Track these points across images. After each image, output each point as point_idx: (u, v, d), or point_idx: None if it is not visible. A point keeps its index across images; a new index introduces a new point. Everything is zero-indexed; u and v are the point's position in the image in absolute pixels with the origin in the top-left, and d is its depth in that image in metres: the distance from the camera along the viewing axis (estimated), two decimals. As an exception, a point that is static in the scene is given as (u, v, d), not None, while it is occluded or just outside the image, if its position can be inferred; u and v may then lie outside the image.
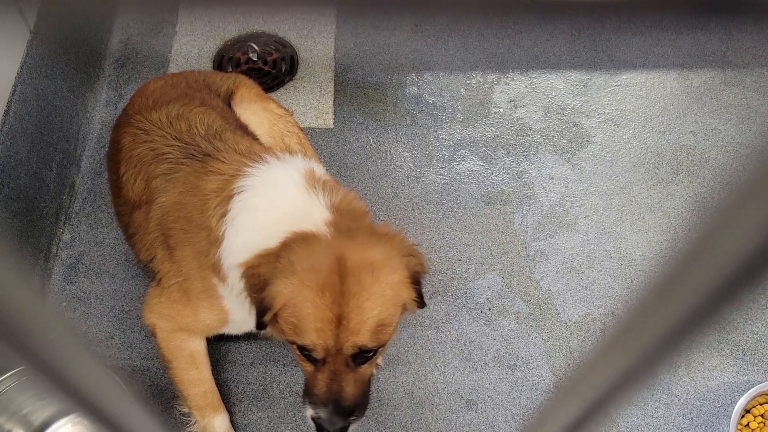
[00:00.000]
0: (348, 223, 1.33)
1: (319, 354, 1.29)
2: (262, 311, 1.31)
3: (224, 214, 1.40)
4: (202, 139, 1.54)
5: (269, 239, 1.32)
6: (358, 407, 1.36)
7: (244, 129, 1.74)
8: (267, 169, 1.43)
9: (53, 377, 0.40)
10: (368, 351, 1.30)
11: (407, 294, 1.33)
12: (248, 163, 1.44)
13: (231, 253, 1.39)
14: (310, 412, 1.37)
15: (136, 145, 1.61)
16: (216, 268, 1.43)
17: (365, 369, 1.36)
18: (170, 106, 1.65)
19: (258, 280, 1.30)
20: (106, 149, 1.91)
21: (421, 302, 1.36)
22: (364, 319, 1.25)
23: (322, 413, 1.35)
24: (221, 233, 1.40)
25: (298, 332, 1.27)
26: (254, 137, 1.76)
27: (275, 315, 1.31)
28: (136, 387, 0.50)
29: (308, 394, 1.37)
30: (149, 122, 1.62)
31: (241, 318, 1.53)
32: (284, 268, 1.26)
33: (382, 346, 1.33)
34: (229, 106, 1.85)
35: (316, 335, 1.25)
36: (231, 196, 1.40)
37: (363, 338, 1.26)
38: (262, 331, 1.43)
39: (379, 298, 1.25)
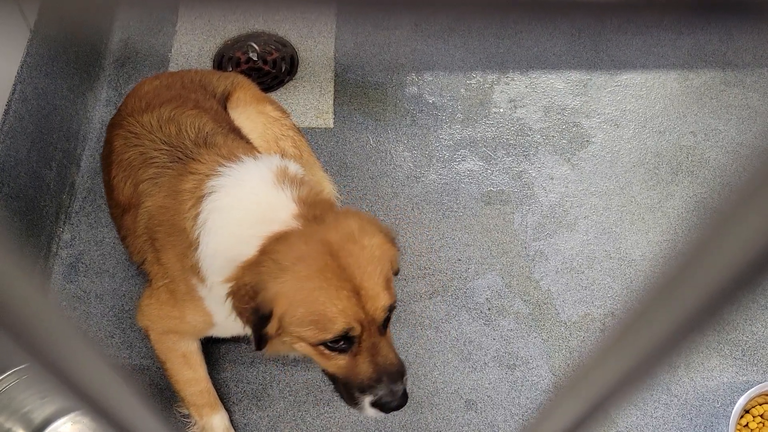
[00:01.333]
0: (314, 211, 1.33)
1: (356, 331, 1.26)
2: (260, 323, 1.27)
3: (197, 216, 1.39)
4: (191, 143, 1.54)
5: (241, 241, 1.31)
6: (403, 367, 1.36)
7: (237, 133, 1.74)
8: (239, 168, 1.43)
9: (56, 374, 0.40)
10: (391, 310, 1.31)
11: (391, 252, 1.34)
12: (223, 163, 1.44)
13: (207, 255, 1.38)
14: (367, 399, 1.34)
15: (127, 149, 1.61)
16: (195, 270, 1.42)
17: (389, 331, 1.37)
18: (162, 108, 1.64)
19: (246, 290, 1.27)
20: (102, 149, 1.91)
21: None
22: (376, 281, 1.25)
23: (381, 391, 1.32)
24: (196, 236, 1.39)
25: (324, 326, 1.24)
26: (247, 141, 1.75)
27: (279, 327, 1.28)
28: (136, 385, 0.50)
29: (354, 387, 1.34)
30: (140, 126, 1.62)
31: (222, 321, 1.50)
32: (270, 269, 1.24)
33: (396, 303, 1.33)
34: (225, 107, 1.84)
35: (344, 316, 1.24)
36: (203, 196, 1.39)
37: (385, 298, 1.27)
38: (263, 352, 1.38)
39: (374, 260, 1.26)
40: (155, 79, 1.84)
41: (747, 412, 1.84)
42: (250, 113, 1.84)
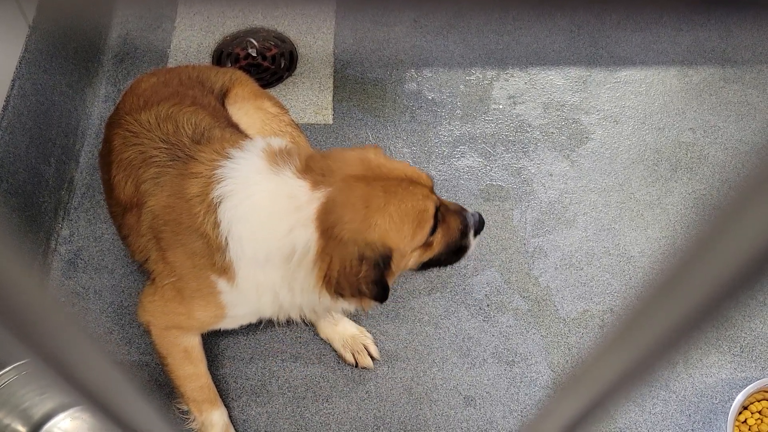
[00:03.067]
0: (315, 169, 1.38)
1: (438, 203, 1.44)
2: (381, 273, 1.34)
3: (217, 224, 1.40)
4: (188, 140, 1.54)
5: (279, 234, 1.35)
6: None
7: (235, 128, 1.74)
8: (234, 167, 1.43)
9: (57, 369, 0.40)
10: None
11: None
12: (219, 164, 1.45)
13: (244, 259, 1.41)
14: (471, 234, 1.56)
15: (126, 148, 1.61)
16: (223, 269, 1.44)
17: None
18: (160, 106, 1.64)
19: (347, 264, 1.32)
20: (100, 147, 1.91)
21: None
22: (405, 164, 1.42)
23: (470, 219, 1.56)
24: (223, 241, 1.41)
25: (424, 220, 1.38)
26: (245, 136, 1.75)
27: (401, 260, 1.38)
28: (136, 381, 0.50)
29: (456, 240, 1.53)
30: (138, 124, 1.62)
31: (243, 312, 1.56)
32: (356, 229, 1.31)
33: None
34: (224, 104, 1.84)
35: (426, 200, 1.39)
36: (215, 204, 1.41)
37: (420, 170, 1.44)
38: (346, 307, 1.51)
39: (386, 156, 1.43)
40: (153, 76, 1.83)
41: (745, 408, 1.85)
42: (248, 109, 1.84)
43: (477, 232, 1.57)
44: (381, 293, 1.38)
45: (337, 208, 1.31)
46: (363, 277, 1.33)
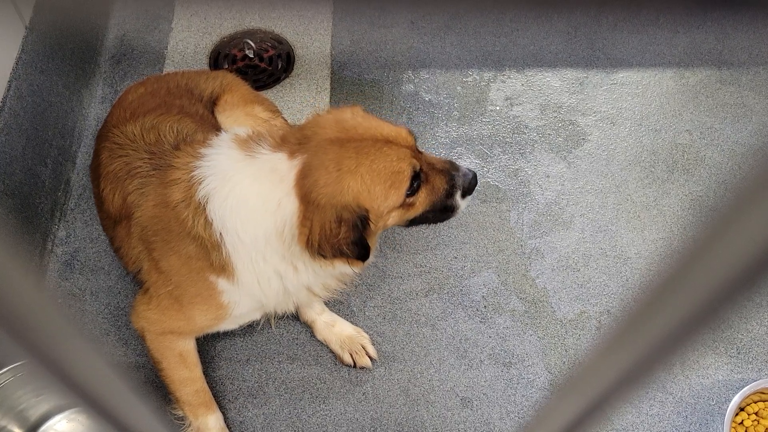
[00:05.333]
0: (290, 139, 1.38)
1: (417, 164, 1.41)
2: (359, 233, 1.34)
3: (209, 223, 1.40)
4: (169, 147, 1.55)
5: (271, 212, 1.35)
6: (449, 161, 1.55)
7: None
8: (211, 164, 1.43)
9: (54, 370, 0.40)
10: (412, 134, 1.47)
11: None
12: (195, 165, 1.44)
13: (242, 248, 1.40)
14: (458, 194, 1.52)
15: (112, 161, 1.61)
16: (221, 267, 1.44)
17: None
18: (146, 117, 1.65)
19: (327, 227, 1.32)
20: (91, 161, 1.90)
21: None
22: (388, 124, 1.40)
23: (459, 180, 1.51)
24: (218, 238, 1.40)
25: (399, 180, 1.36)
26: None
27: (375, 219, 1.36)
28: (132, 382, 0.50)
29: (442, 200, 1.50)
30: (124, 136, 1.63)
31: (245, 310, 1.56)
32: (329, 192, 1.31)
33: None
34: (213, 111, 1.84)
35: (402, 161, 1.37)
36: (202, 206, 1.40)
37: (402, 128, 1.43)
38: (342, 273, 1.49)
39: (367, 117, 1.41)
40: (141, 86, 1.83)
41: (742, 410, 1.85)
42: (237, 116, 1.84)
43: (467, 192, 1.54)
44: (362, 253, 1.37)
45: (312, 172, 1.32)
46: (343, 238, 1.33)
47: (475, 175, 1.55)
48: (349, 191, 1.31)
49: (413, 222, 1.52)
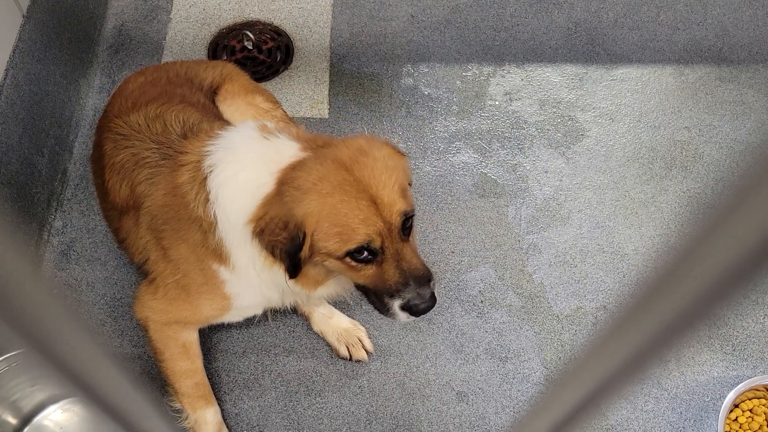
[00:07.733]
0: (317, 142, 1.39)
1: (377, 242, 1.32)
2: (295, 248, 1.32)
3: (206, 199, 1.41)
4: (177, 137, 1.55)
5: (259, 192, 1.34)
6: (428, 272, 1.40)
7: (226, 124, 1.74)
8: (224, 141, 1.45)
9: (51, 359, 0.40)
10: (409, 216, 1.36)
11: (402, 162, 1.39)
12: (207, 144, 1.45)
13: (229, 227, 1.40)
14: (397, 303, 1.38)
15: (118, 152, 1.61)
16: (217, 253, 1.44)
17: (412, 239, 1.42)
18: (149, 106, 1.65)
19: (275, 223, 1.32)
20: (90, 152, 1.90)
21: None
22: (391, 189, 1.31)
23: (409, 294, 1.37)
24: (211, 216, 1.41)
25: (347, 237, 1.30)
26: None
27: (311, 248, 1.32)
28: (130, 372, 0.50)
29: (384, 293, 1.39)
30: (128, 126, 1.62)
31: (248, 302, 1.56)
32: (294, 195, 1.30)
33: (413, 210, 1.38)
34: (214, 101, 1.84)
35: (365, 226, 1.29)
36: (204, 179, 1.41)
37: (401, 203, 1.32)
38: (291, 286, 1.43)
39: (387, 170, 1.33)
40: (140, 75, 1.82)
41: (736, 406, 1.85)
42: (239, 105, 1.84)
43: (410, 311, 1.39)
44: (290, 267, 1.36)
45: (300, 170, 1.32)
46: (280, 242, 1.33)
47: (429, 308, 1.39)
48: (305, 206, 1.29)
49: (359, 288, 1.46)
